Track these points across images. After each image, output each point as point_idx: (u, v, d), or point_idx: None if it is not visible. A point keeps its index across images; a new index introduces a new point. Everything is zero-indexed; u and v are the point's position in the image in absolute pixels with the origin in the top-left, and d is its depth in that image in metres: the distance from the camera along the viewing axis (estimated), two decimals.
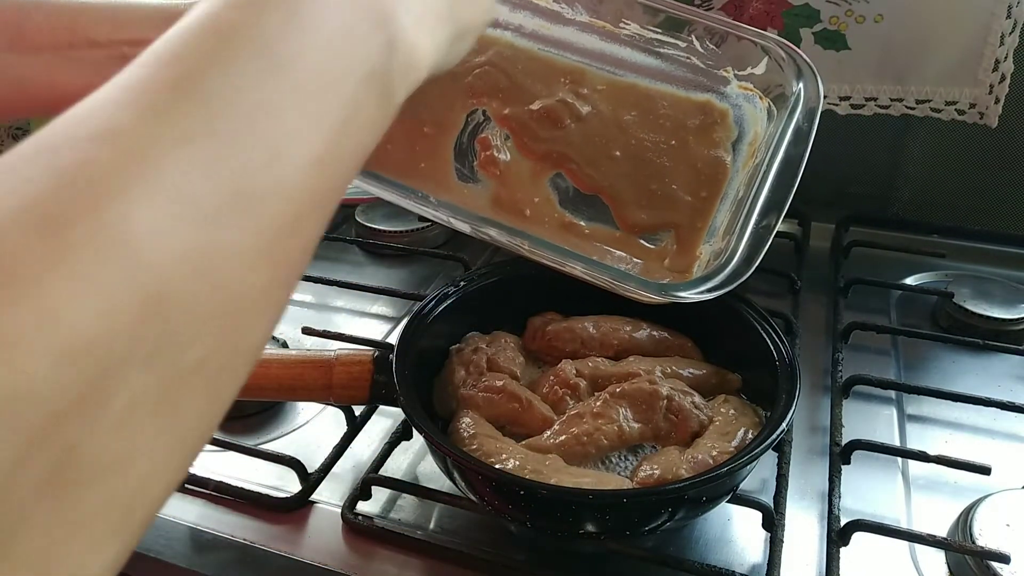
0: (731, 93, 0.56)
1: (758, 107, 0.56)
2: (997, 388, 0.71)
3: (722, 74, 0.56)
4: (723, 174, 0.55)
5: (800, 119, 0.54)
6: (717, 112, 0.56)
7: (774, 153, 0.54)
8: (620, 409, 0.58)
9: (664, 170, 0.55)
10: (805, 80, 0.54)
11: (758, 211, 0.52)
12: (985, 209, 0.92)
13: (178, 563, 0.56)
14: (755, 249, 0.51)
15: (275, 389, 0.60)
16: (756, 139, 0.56)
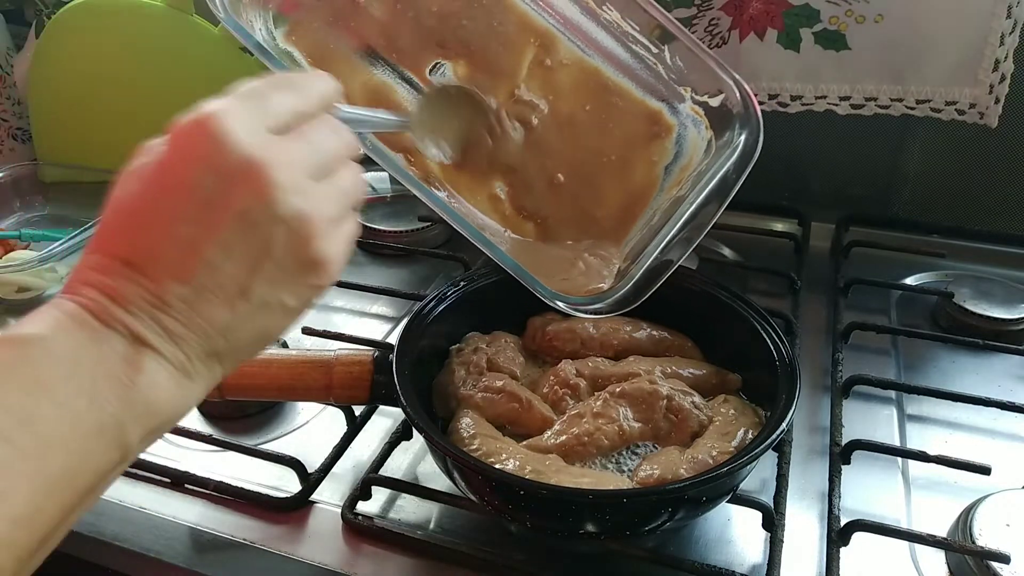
0: (682, 111, 0.58)
1: (701, 135, 0.57)
2: (997, 388, 0.71)
3: (680, 91, 0.58)
4: (650, 194, 0.58)
5: (731, 168, 0.54)
6: (664, 125, 0.58)
7: (698, 192, 0.55)
8: (620, 409, 0.58)
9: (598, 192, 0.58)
10: (749, 132, 0.55)
11: (663, 245, 0.54)
12: (985, 209, 0.92)
13: (178, 563, 0.56)
14: (648, 283, 0.53)
15: (275, 389, 0.60)
16: (689, 166, 0.57)
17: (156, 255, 0.35)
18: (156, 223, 0.35)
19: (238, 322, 0.36)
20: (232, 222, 0.35)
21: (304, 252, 0.37)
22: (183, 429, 0.65)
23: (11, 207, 1.03)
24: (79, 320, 0.34)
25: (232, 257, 0.35)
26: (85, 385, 0.33)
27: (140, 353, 0.34)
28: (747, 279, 0.86)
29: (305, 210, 0.36)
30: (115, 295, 0.34)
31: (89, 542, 0.58)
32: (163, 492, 0.61)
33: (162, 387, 0.35)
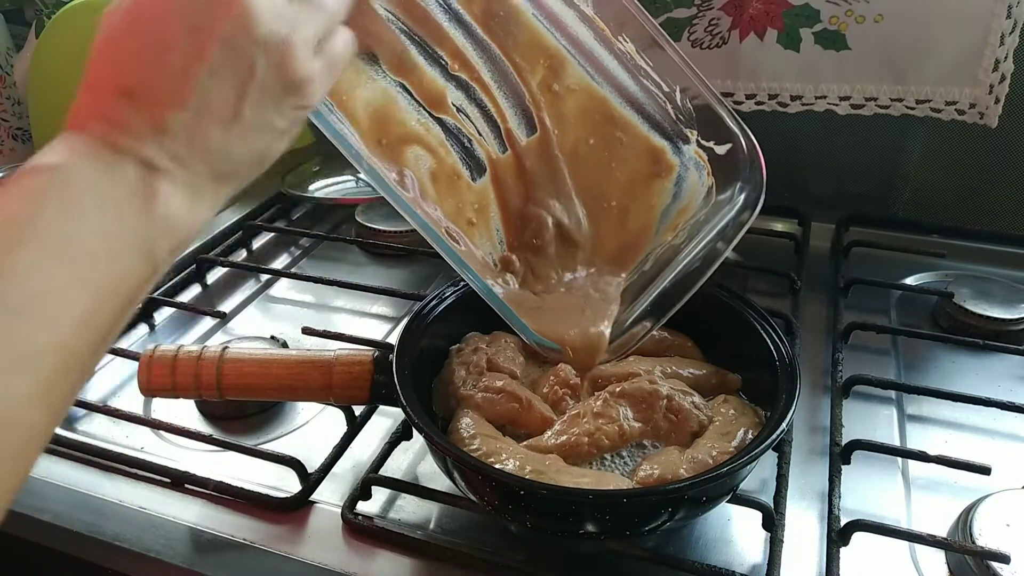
0: (686, 153, 0.57)
1: (702, 180, 0.57)
2: (997, 388, 0.71)
3: (686, 132, 0.57)
4: (647, 237, 0.58)
5: (729, 223, 0.54)
6: (665, 164, 0.57)
7: (695, 245, 0.55)
8: (620, 409, 0.58)
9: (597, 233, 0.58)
10: (751, 187, 0.54)
11: (654, 296, 0.55)
12: (985, 209, 0.92)
13: (178, 563, 0.56)
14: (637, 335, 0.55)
15: (275, 389, 0.60)
16: (687, 211, 0.57)
17: (152, 83, 0.37)
18: (148, 52, 0.37)
19: (234, 143, 0.39)
20: (217, 47, 0.37)
21: (284, 73, 0.39)
22: (183, 429, 0.65)
23: None
24: (93, 150, 0.36)
25: (221, 80, 0.37)
26: (111, 207, 0.36)
27: (152, 176, 0.37)
28: (747, 279, 0.86)
29: (282, 32, 0.38)
30: (119, 124, 0.37)
31: (89, 542, 0.58)
32: (163, 492, 0.61)
33: (177, 206, 0.38)
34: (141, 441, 0.67)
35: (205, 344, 0.61)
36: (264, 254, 0.97)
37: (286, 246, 0.99)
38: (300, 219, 1.05)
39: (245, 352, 0.60)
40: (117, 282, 0.36)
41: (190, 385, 0.59)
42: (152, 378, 0.59)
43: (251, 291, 0.88)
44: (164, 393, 0.60)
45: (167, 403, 0.70)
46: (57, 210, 0.35)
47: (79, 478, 0.62)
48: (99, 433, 0.68)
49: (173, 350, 0.59)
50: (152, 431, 0.68)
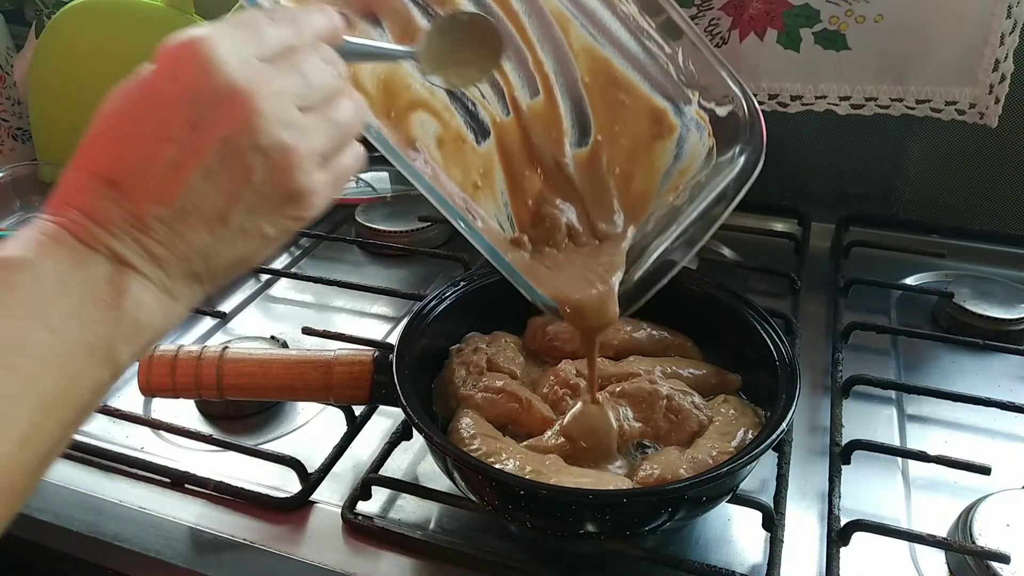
0: (687, 114, 0.57)
1: (703, 141, 0.57)
2: (997, 388, 0.71)
3: (688, 93, 0.57)
4: (649, 198, 0.58)
5: (730, 184, 0.54)
6: (667, 125, 0.57)
7: (696, 204, 0.55)
8: (620, 409, 0.58)
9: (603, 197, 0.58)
10: (751, 149, 0.55)
11: (656, 255, 0.55)
12: (985, 209, 0.92)
13: (178, 563, 0.56)
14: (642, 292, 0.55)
15: (275, 389, 0.60)
16: (687, 171, 0.57)
17: (139, 175, 0.35)
18: (141, 141, 0.35)
19: (217, 246, 0.37)
20: (215, 147, 0.35)
21: (284, 183, 0.37)
22: (183, 429, 0.65)
23: (11, 207, 1.03)
24: (62, 242, 0.34)
25: (213, 183, 0.35)
26: (74, 308, 0.33)
27: (123, 274, 0.35)
28: (747, 279, 0.86)
29: (287, 142, 0.36)
30: (97, 217, 0.35)
31: (89, 542, 0.58)
32: (163, 492, 0.61)
33: (147, 307, 0.36)
34: (141, 441, 0.67)
35: (205, 344, 0.61)
36: None
37: (286, 246, 0.99)
38: None
39: (245, 352, 0.60)
40: (70, 391, 0.34)
41: (190, 385, 0.59)
42: (152, 378, 0.59)
43: (251, 291, 0.88)
44: (164, 393, 0.60)
45: (167, 403, 0.70)
46: (12, 312, 0.32)
47: (79, 478, 0.62)
48: (99, 433, 0.68)
49: (173, 350, 0.59)
50: (152, 431, 0.68)
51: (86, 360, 0.34)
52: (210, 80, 0.35)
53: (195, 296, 0.38)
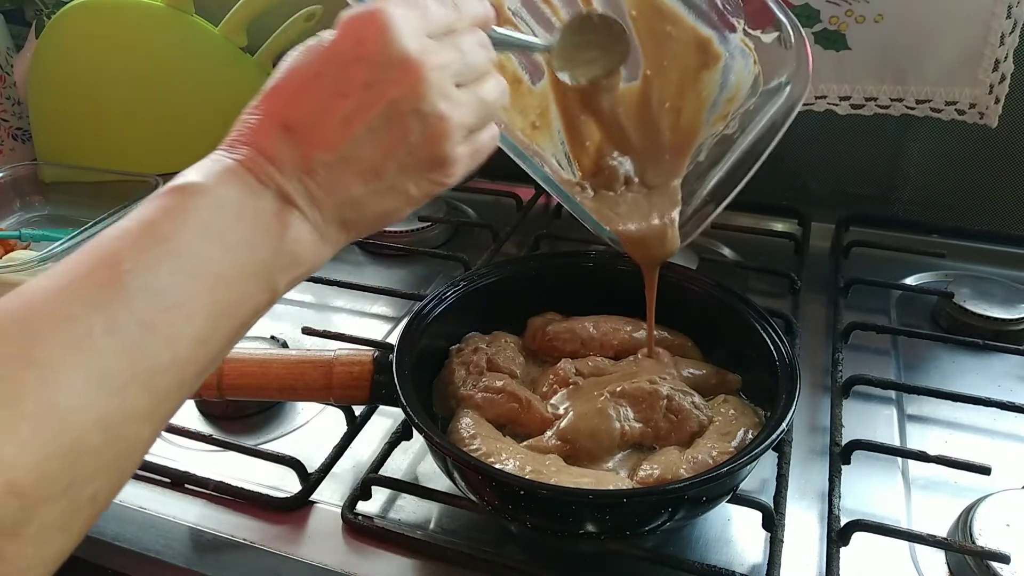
0: (732, 42, 0.57)
1: (748, 68, 0.57)
2: (997, 388, 0.71)
3: (732, 21, 0.57)
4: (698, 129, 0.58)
5: (778, 112, 0.55)
6: (713, 54, 0.58)
7: (747, 135, 0.55)
8: (620, 409, 0.58)
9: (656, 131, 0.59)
10: (798, 76, 0.55)
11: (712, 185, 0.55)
12: (985, 209, 0.92)
13: (178, 563, 0.56)
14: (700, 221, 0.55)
15: (275, 389, 0.60)
16: (735, 99, 0.57)
17: (313, 123, 0.39)
18: (320, 95, 0.39)
19: (368, 198, 0.41)
20: (383, 106, 0.39)
21: (435, 148, 0.41)
22: (183, 429, 0.65)
23: (11, 207, 1.03)
24: (238, 175, 0.38)
25: (375, 138, 0.39)
26: (245, 234, 0.38)
27: (287, 211, 0.39)
28: (747, 279, 0.86)
29: (444, 111, 0.40)
30: (271, 156, 0.39)
31: (89, 542, 0.57)
32: (163, 492, 0.61)
33: (304, 242, 0.40)
34: None
35: None
36: None
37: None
38: None
39: (245, 352, 0.60)
40: (237, 306, 0.38)
41: None
42: None
43: None
44: None
45: None
46: (198, 230, 0.36)
47: None
48: None
49: None
50: None
51: (252, 281, 0.38)
52: (388, 47, 0.38)
53: (340, 242, 0.42)
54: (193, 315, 0.35)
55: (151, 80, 1.06)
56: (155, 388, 0.34)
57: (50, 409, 0.30)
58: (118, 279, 0.33)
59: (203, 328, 0.36)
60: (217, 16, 1.05)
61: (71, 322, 0.32)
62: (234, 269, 0.37)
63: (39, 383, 0.30)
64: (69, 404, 0.30)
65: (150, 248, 0.35)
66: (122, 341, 0.32)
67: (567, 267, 0.71)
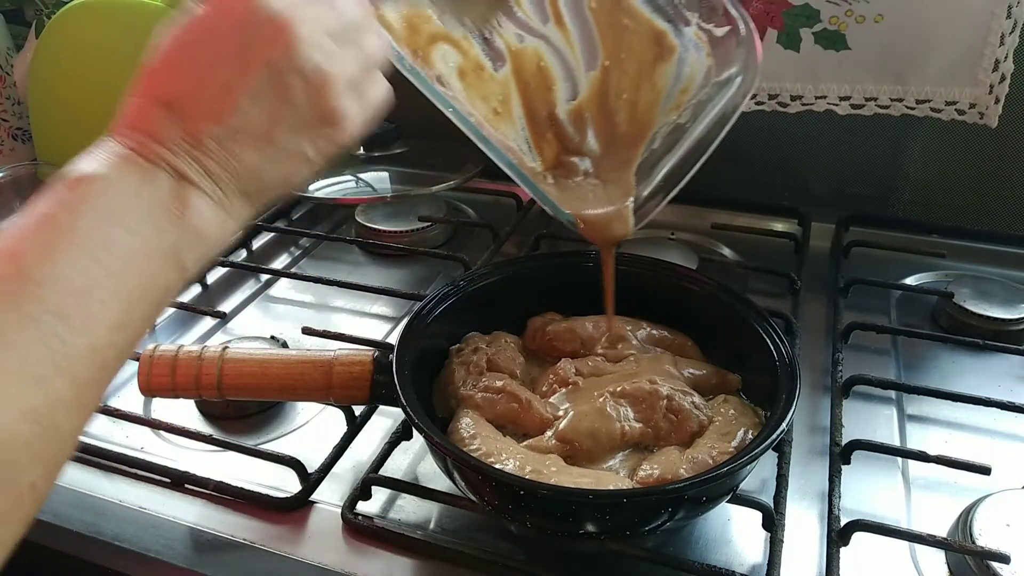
0: (687, 35, 0.58)
1: (701, 61, 0.58)
2: (997, 388, 0.71)
3: (686, 14, 0.58)
4: (653, 119, 0.59)
5: (729, 102, 0.55)
6: (668, 46, 0.59)
7: (699, 122, 0.56)
8: (620, 409, 0.58)
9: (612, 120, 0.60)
10: (748, 68, 0.56)
11: (664, 172, 0.56)
12: (985, 209, 0.92)
13: (178, 563, 0.56)
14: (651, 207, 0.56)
15: (275, 389, 0.60)
16: (688, 90, 0.59)
17: (194, 97, 0.39)
18: (195, 68, 0.39)
19: (264, 165, 0.41)
20: (260, 69, 0.39)
21: (320, 103, 0.41)
22: (183, 429, 0.65)
23: (11, 207, 1.03)
24: (129, 160, 0.38)
25: (259, 103, 0.39)
26: (146, 215, 0.38)
27: (184, 189, 0.39)
28: (747, 279, 0.86)
29: (322, 63, 0.40)
30: (158, 136, 0.39)
31: (89, 542, 0.58)
32: (163, 492, 0.61)
33: (207, 218, 0.40)
34: (141, 441, 0.67)
35: (205, 344, 0.61)
36: (264, 254, 0.97)
37: (286, 246, 0.99)
38: (300, 219, 1.05)
39: (245, 352, 0.60)
40: (148, 288, 0.38)
41: (190, 385, 0.59)
42: (152, 378, 0.59)
43: (251, 291, 0.88)
44: (164, 393, 0.60)
45: (167, 403, 0.70)
46: (97, 217, 0.36)
47: (79, 478, 0.62)
48: (99, 433, 0.68)
49: (173, 350, 0.59)
50: (152, 431, 0.68)
51: (160, 262, 0.38)
52: (254, 8, 0.39)
53: (245, 212, 0.42)
54: (105, 300, 0.36)
55: None
56: (76, 375, 0.34)
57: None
58: (22, 273, 0.34)
59: (117, 312, 0.36)
60: None
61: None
62: (140, 251, 0.37)
63: None
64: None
65: (51, 239, 0.35)
66: (36, 333, 0.33)
67: (567, 267, 0.71)
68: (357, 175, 1.05)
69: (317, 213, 1.06)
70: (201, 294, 0.88)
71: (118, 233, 0.37)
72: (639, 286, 0.69)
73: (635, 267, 0.69)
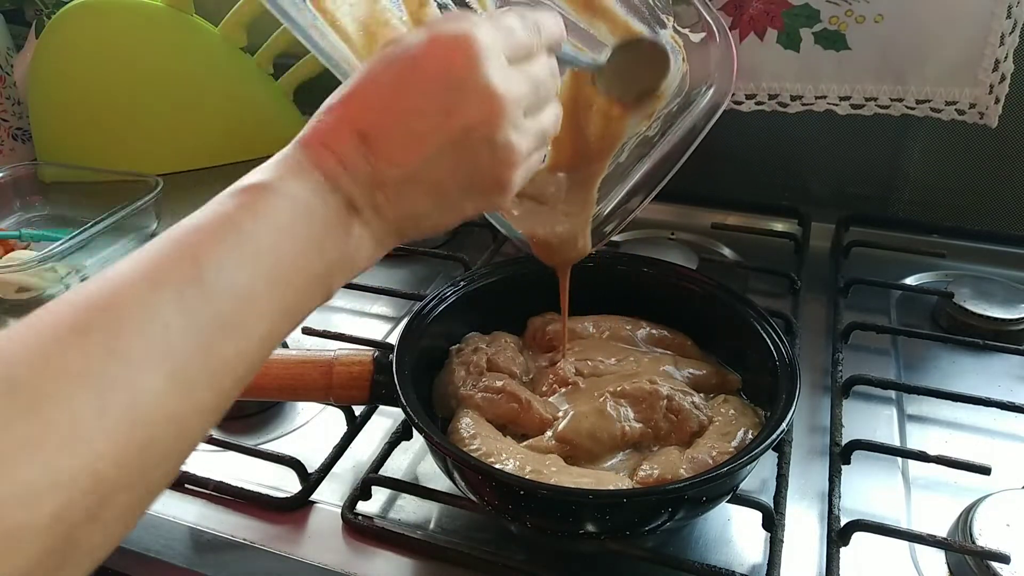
0: (663, 37, 0.57)
1: (677, 66, 0.56)
2: (997, 388, 0.71)
3: (663, 17, 0.57)
4: (621, 133, 0.57)
5: (699, 116, 0.54)
6: None
7: (668, 137, 0.55)
8: (620, 409, 0.58)
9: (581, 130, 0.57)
10: (722, 79, 0.55)
11: (630, 187, 0.55)
12: (985, 209, 0.92)
13: (178, 563, 0.56)
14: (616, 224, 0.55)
15: (275, 389, 0.60)
16: (662, 96, 0.57)
17: (389, 136, 0.40)
18: (398, 111, 0.40)
19: (428, 213, 0.42)
20: (457, 132, 0.40)
21: (500, 175, 0.42)
22: None
23: (11, 207, 1.03)
24: (313, 177, 0.38)
25: (445, 160, 0.40)
26: (316, 234, 0.38)
27: (351, 217, 0.40)
28: (747, 279, 0.86)
29: (514, 143, 0.41)
30: (345, 162, 0.39)
31: None
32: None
33: (363, 248, 0.41)
34: None
35: None
36: None
37: None
38: None
39: None
40: (300, 305, 0.39)
41: None
42: None
43: None
44: None
45: None
46: (274, 229, 0.37)
47: None
48: None
49: None
50: None
51: (315, 282, 0.39)
52: (475, 77, 0.39)
53: (388, 246, 0.43)
54: (263, 314, 0.36)
55: (151, 80, 1.06)
56: (221, 384, 0.34)
57: (132, 404, 0.30)
58: (199, 276, 0.34)
59: (269, 326, 0.37)
60: (217, 16, 1.05)
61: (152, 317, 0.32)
62: (303, 269, 0.38)
63: (124, 378, 0.30)
64: (147, 400, 0.31)
65: (231, 245, 0.35)
66: (198, 339, 0.33)
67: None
68: None
69: None
70: None
71: (289, 249, 0.37)
72: (639, 286, 0.69)
73: (635, 267, 0.69)
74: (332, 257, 0.39)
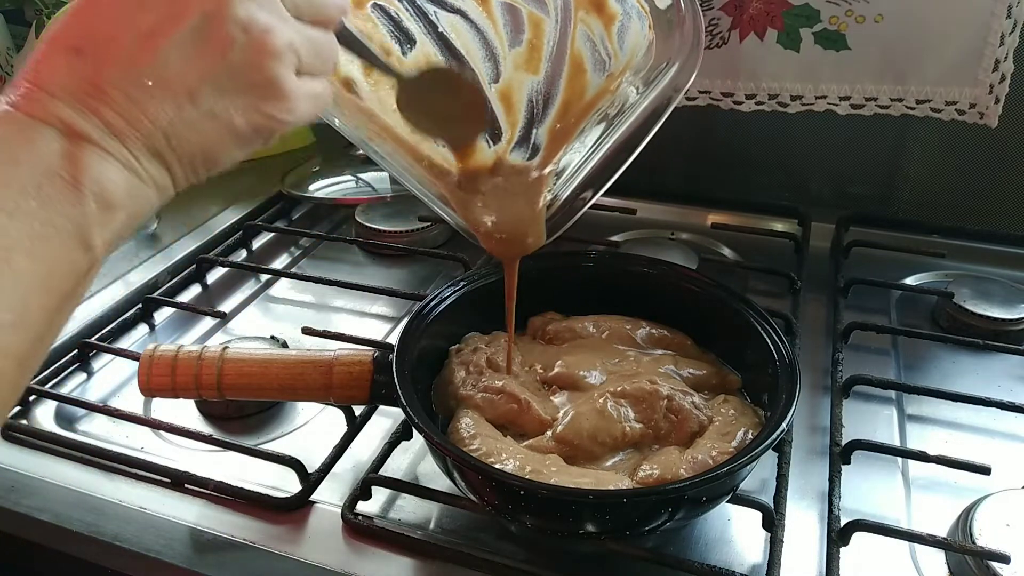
0: (629, 1, 0.53)
1: (643, 33, 0.53)
2: (997, 388, 0.71)
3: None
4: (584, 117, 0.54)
5: (659, 97, 0.51)
6: (608, 13, 0.54)
7: (626, 116, 0.52)
8: (621, 409, 0.58)
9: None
10: (689, 50, 0.51)
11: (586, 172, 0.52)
12: (985, 209, 0.92)
13: (178, 563, 0.56)
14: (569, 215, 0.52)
15: (275, 389, 0.60)
16: (628, 65, 0.54)
17: (108, 41, 0.33)
18: (116, 9, 0.34)
19: (182, 125, 0.35)
20: (195, 17, 0.33)
21: (259, 68, 0.35)
22: (183, 429, 0.65)
23: None
24: (8, 119, 0.32)
25: (184, 53, 0.34)
26: (27, 186, 0.31)
27: (80, 148, 0.33)
28: (747, 279, 0.86)
29: (269, 23, 0.35)
30: (47, 85, 0.33)
31: (89, 542, 0.58)
32: (163, 492, 0.61)
33: (112, 184, 0.33)
34: (141, 441, 0.67)
35: (205, 344, 0.61)
36: (264, 254, 0.97)
37: (286, 246, 0.99)
38: (300, 219, 1.05)
39: (245, 352, 0.60)
40: (49, 276, 0.32)
41: (190, 385, 0.59)
42: (152, 378, 0.59)
43: (251, 291, 0.88)
44: (164, 393, 0.60)
45: (167, 403, 0.70)
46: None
47: (79, 478, 0.62)
48: (99, 433, 0.68)
49: (173, 350, 0.59)
50: (152, 431, 0.68)
51: (55, 242, 0.32)
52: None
53: (163, 178, 0.36)
54: None
55: None
56: None
57: None
58: None
59: (9, 310, 0.31)
60: None
61: None
62: (26, 232, 0.31)
63: None
64: None
65: None
66: None
67: (567, 267, 0.71)
68: (357, 175, 1.05)
69: (317, 213, 1.06)
70: (201, 294, 0.88)
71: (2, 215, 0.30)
72: (639, 286, 0.69)
73: (635, 267, 0.69)
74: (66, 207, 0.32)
